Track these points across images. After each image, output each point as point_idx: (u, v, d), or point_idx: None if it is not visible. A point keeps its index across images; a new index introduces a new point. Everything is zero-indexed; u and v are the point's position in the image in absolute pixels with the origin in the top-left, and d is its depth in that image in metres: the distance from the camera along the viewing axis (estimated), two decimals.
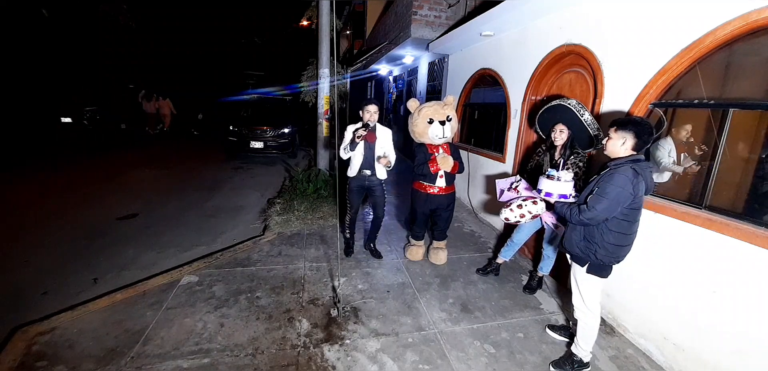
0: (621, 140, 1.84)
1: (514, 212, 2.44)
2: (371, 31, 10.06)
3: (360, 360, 2.14)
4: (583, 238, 1.93)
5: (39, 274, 3.01)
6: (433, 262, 3.40)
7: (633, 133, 1.80)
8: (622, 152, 1.85)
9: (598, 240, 1.87)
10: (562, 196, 2.06)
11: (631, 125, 1.82)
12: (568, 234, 2.02)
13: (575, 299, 2.11)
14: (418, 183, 3.17)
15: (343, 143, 3.02)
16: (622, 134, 1.83)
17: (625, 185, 1.73)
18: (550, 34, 3.35)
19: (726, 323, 1.90)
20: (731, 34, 1.91)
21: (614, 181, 1.75)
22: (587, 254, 1.93)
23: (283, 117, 9.27)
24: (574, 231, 1.97)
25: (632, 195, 1.74)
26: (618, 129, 1.85)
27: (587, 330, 2.09)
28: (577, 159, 2.53)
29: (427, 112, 2.98)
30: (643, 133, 1.80)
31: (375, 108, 2.96)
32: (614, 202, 1.75)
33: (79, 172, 6.66)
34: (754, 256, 1.77)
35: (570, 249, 2.02)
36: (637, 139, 1.80)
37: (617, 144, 1.85)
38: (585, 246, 1.92)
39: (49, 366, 1.96)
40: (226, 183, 6.40)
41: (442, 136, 2.96)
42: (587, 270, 1.96)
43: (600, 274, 1.95)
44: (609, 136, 1.90)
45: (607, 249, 1.87)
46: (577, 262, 2.01)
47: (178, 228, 4.17)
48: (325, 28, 5.63)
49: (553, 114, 2.62)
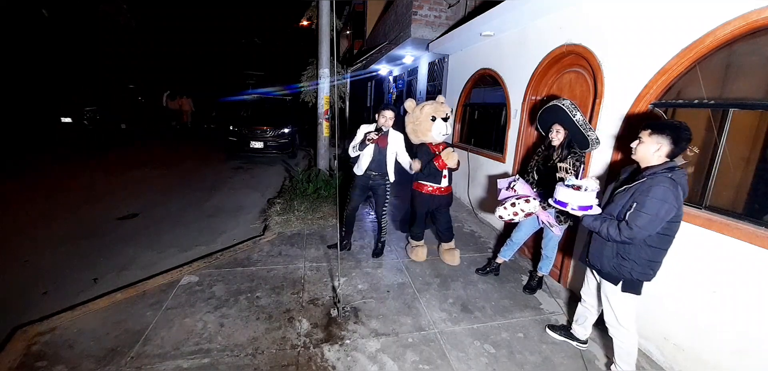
0: (655, 146, 1.64)
1: (508, 210, 2.45)
2: (371, 31, 10.06)
3: (360, 360, 2.13)
4: (615, 255, 1.75)
5: (39, 274, 3.01)
6: (449, 263, 3.41)
7: (670, 139, 1.60)
8: (655, 160, 1.66)
9: (634, 256, 1.70)
10: (583, 208, 1.83)
11: (669, 130, 1.61)
12: (597, 250, 1.85)
13: (608, 318, 1.94)
14: (419, 184, 3.18)
15: (353, 142, 3.06)
16: (658, 139, 1.63)
17: (667, 197, 1.54)
18: (550, 34, 3.35)
19: (726, 323, 1.90)
20: (731, 34, 1.91)
21: (653, 193, 1.56)
22: (620, 271, 1.76)
23: (283, 117, 9.28)
24: (605, 246, 1.79)
25: (675, 207, 1.56)
26: (653, 133, 1.64)
27: (624, 350, 1.92)
28: (574, 159, 2.54)
29: (429, 110, 2.99)
30: (681, 140, 1.60)
31: (391, 114, 3.02)
32: (656, 218, 1.57)
33: (79, 171, 6.66)
34: (754, 256, 1.77)
35: (599, 266, 1.85)
36: (674, 146, 1.61)
37: (650, 149, 1.65)
38: (618, 264, 1.75)
39: (49, 366, 1.96)
40: (226, 183, 6.40)
41: (446, 132, 2.97)
42: (622, 288, 1.80)
43: (635, 291, 1.79)
44: (640, 139, 1.71)
45: (642, 266, 1.71)
46: (609, 280, 1.83)
47: (178, 228, 4.17)
48: (325, 28, 5.63)
49: (550, 114, 2.63)
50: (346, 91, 8.75)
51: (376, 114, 3.10)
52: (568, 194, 1.86)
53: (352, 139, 3.11)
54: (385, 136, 3.06)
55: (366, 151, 3.06)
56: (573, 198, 1.84)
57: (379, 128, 2.95)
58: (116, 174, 6.60)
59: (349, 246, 3.57)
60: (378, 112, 3.06)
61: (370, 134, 2.89)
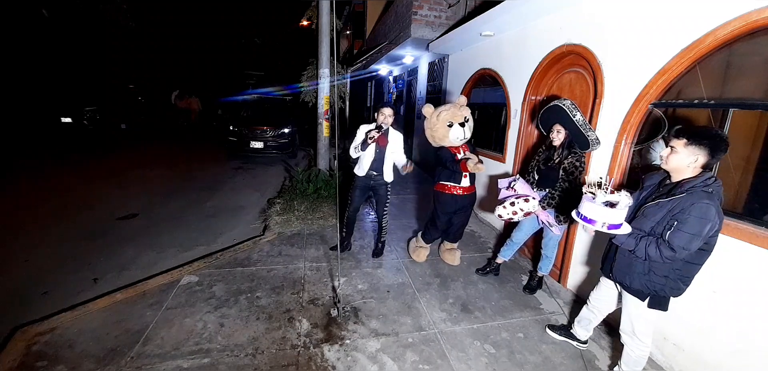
0: (693, 157, 1.52)
1: (507, 209, 2.44)
2: (371, 31, 10.06)
3: (360, 360, 2.13)
4: (648, 271, 1.67)
5: (39, 274, 3.01)
6: (449, 263, 3.40)
7: (708, 150, 1.50)
8: (690, 172, 1.56)
9: (667, 272, 1.63)
10: (613, 226, 1.64)
11: (708, 140, 1.50)
12: (624, 265, 1.75)
13: (625, 327, 1.89)
14: (441, 185, 3.09)
15: (354, 142, 3.06)
16: (695, 150, 1.51)
17: (709, 215, 1.45)
18: (550, 34, 3.35)
19: (726, 323, 1.90)
20: (731, 34, 1.91)
21: (694, 212, 1.47)
22: (651, 288, 1.69)
23: (283, 117, 9.29)
24: (636, 263, 1.69)
25: (717, 222, 1.48)
26: (690, 143, 1.52)
27: (633, 359, 1.89)
28: (574, 159, 2.54)
29: (445, 116, 2.93)
30: (719, 151, 1.50)
31: (390, 111, 3.02)
32: (698, 237, 1.48)
33: (79, 171, 6.66)
34: (754, 256, 1.77)
35: (628, 283, 1.76)
36: (711, 158, 1.51)
37: (686, 161, 1.54)
38: (648, 281, 1.68)
39: (49, 366, 1.96)
40: (226, 183, 6.41)
41: (464, 137, 2.95)
42: (649, 304, 1.74)
43: (662, 308, 1.74)
44: (673, 148, 1.59)
45: (675, 282, 1.64)
46: (638, 296, 1.76)
47: (178, 228, 4.17)
48: (325, 28, 5.63)
49: (551, 114, 2.63)
50: (346, 91, 8.75)
51: (375, 113, 3.11)
52: (598, 211, 1.65)
53: (353, 139, 3.10)
54: (385, 135, 3.06)
55: (368, 150, 3.06)
56: (602, 216, 1.64)
57: (379, 126, 2.94)
58: (116, 174, 6.60)
59: (350, 246, 3.57)
60: (377, 110, 3.07)
61: (371, 132, 2.89)
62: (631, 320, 1.84)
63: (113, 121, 13.99)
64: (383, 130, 2.97)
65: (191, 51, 22.32)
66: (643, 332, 1.81)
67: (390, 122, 3.03)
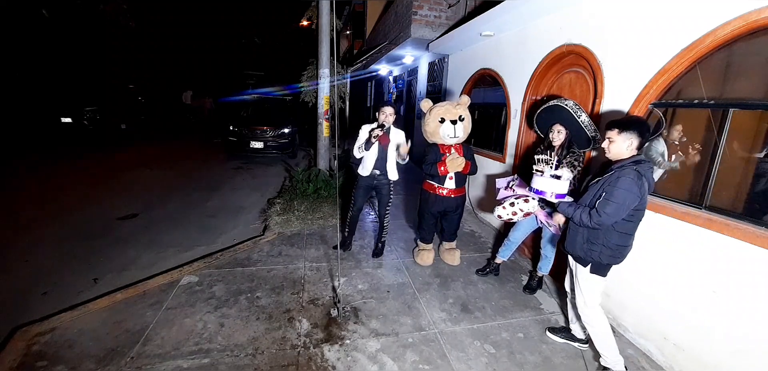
0: (627, 142, 1.82)
1: (507, 210, 2.45)
2: (371, 31, 10.06)
3: (360, 360, 2.13)
4: (586, 240, 1.93)
5: (39, 274, 3.01)
6: (448, 263, 3.41)
7: (637, 132, 1.79)
8: (628, 153, 1.83)
9: (602, 241, 1.87)
10: (559, 196, 2.05)
11: (635, 125, 1.81)
12: (571, 237, 2.01)
13: (578, 300, 2.09)
14: (428, 183, 3.14)
15: (358, 142, 3.06)
16: (628, 136, 1.81)
17: (631, 188, 1.72)
18: (550, 34, 3.35)
19: (726, 323, 1.90)
20: (731, 34, 1.91)
21: (620, 184, 1.74)
22: (589, 255, 1.93)
23: (283, 117, 9.28)
24: (577, 233, 1.96)
25: (638, 196, 1.74)
26: (622, 131, 1.82)
27: (600, 336, 2.05)
28: (573, 158, 2.54)
29: (438, 111, 2.95)
30: (645, 131, 1.82)
31: (391, 110, 3.03)
32: (622, 206, 1.75)
33: (79, 172, 6.66)
34: (754, 256, 1.77)
35: (572, 251, 2.02)
36: (641, 139, 1.80)
37: (623, 146, 1.83)
38: (588, 249, 1.92)
39: (49, 366, 1.96)
40: (226, 183, 6.41)
41: (454, 135, 2.93)
42: (590, 270, 1.96)
43: (602, 274, 1.96)
44: (610, 139, 1.87)
45: (611, 250, 1.87)
46: (580, 263, 2.01)
47: (178, 228, 4.17)
48: (325, 28, 5.63)
49: (551, 114, 2.63)
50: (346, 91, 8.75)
51: (376, 113, 3.13)
52: (544, 183, 2.10)
53: (353, 139, 3.11)
54: (387, 134, 3.07)
55: (371, 150, 3.06)
56: (547, 186, 2.08)
57: (381, 125, 2.95)
58: (116, 174, 6.60)
59: (350, 246, 3.57)
60: (378, 110, 3.09)
61: (375, 131, 2.88)
62: (581, 289, 2.06)
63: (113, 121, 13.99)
64: (386, 128, 2.98)
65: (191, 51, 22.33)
66: (592, 298, 2.03)
67: (391, 121, 3.04)
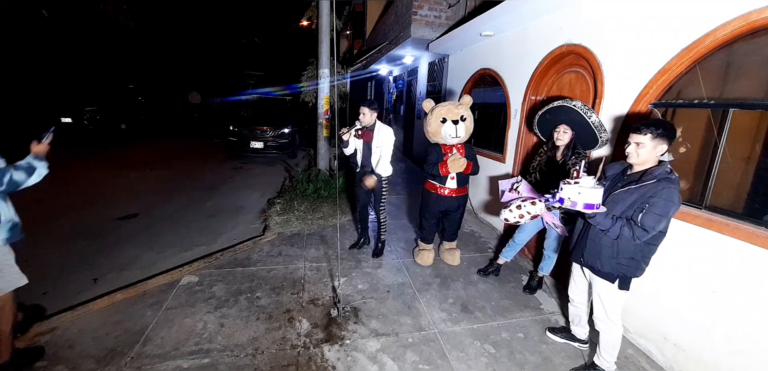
0: (660, 148, 1.69)
1: (514, 213, 2.43)
2: (371, 31, 10.06)
3: (360, 360, 2.13)
4: (616, 254, 1.79)
5: (39, 274, 3.00)
6: (448, 263, 3.41)
7: (668, 139, 1.67)
8: (654, 161, 1.72)
9: (631, 254, 1.76)
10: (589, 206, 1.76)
11: (668, 131, 1.67)
12: (594, 250, 1.86)
13: (597, 312, 1.99)
14: (430, 183, 3.14)
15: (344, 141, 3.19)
16: (661, 142, 1.67)
17: (674, 198, 1.61)
18: (550, 34, 3.35)
19: (726, 323, 1.90)
20: (731, 34, 1.91)
21: (664, 195, 1.61)
22: (618, 270, 1.81)
23: (283, 117, 9.29)
24: (603, 246, 1.81)
25: (678, 207, 1.63)
26: (656, 136, 1.67)
27: (612, 342, 1.99)
28: (578, 159, 2.53)
29: (440, 111, 2.95)
30: (674, 137, 1.71)
31: (367, 110, 3.08)
32: (665, 218, 1.64)
33: (78, 172, 6.66)
34: (754, 256, 1.77)
35: (598, 266, 1.87)
36: (669, 144, 1.70)
37: (654, 153, 1.70)
38: (617, 263, 1.80)
39: (49, 366, 1.97)
40: (226, 183, 6.41)
41: (455, 135, 2.92)
42: (619, 286, 1.85)
43: (627, 288, 1.86)
44: (639, 143, 1.71)
45: (638, 264, 1.78)
46: (607, 279, 1.86)
47: (178, 228, 4.17)
48: (325, 28, 5.63)
49: (555, 115, 2.61)
50: (346, 91, 8.76)
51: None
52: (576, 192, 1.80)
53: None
54: (371, 130, 3.10)
55: (358, 147, 3.20)
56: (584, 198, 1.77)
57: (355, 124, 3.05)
58: (116, 174, 6.60)
59: (368, 241, 3.64)
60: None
61: (342, 130, 3.03)
62: (603, 305, 1.94)
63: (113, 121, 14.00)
64: (360, 127, 3.06)
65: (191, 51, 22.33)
66: (616, 314, 1.93)
67: (367, 120, 3.06)
